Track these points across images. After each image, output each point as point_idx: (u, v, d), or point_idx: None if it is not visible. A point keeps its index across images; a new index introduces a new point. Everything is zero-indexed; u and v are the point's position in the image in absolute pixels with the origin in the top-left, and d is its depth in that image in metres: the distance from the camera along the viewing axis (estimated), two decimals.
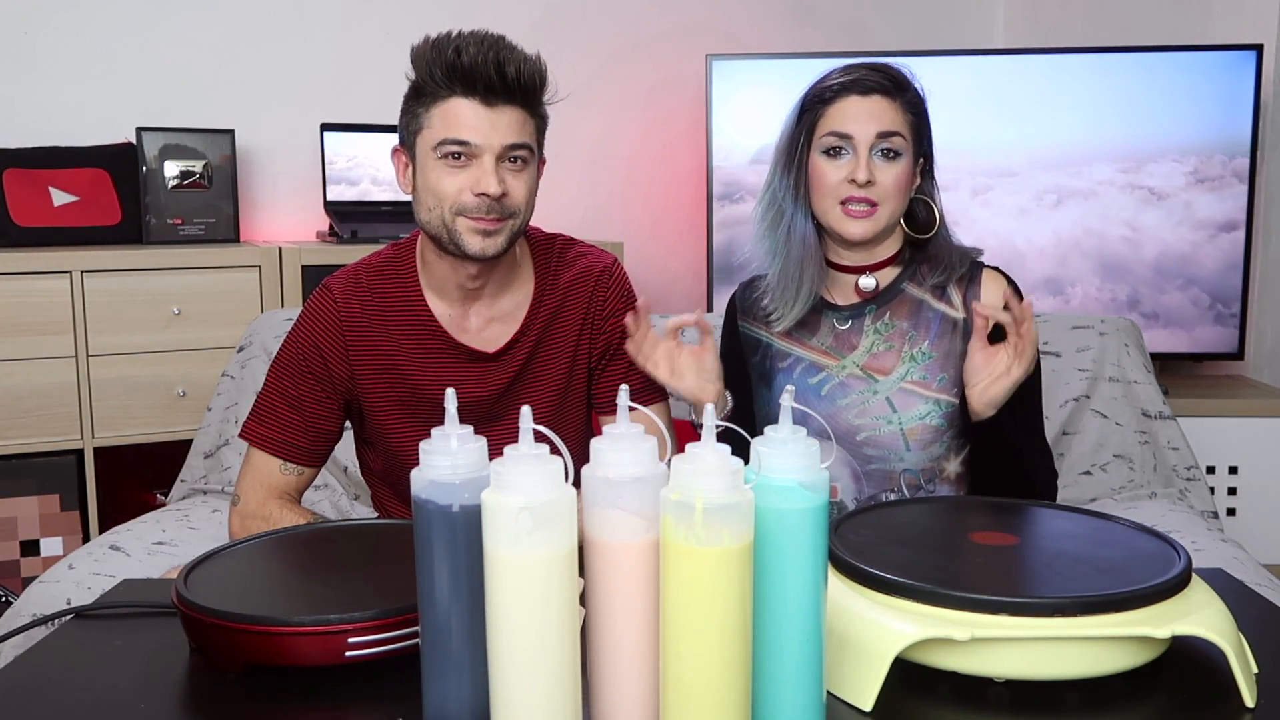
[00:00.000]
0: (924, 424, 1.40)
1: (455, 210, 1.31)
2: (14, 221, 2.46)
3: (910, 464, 1.41)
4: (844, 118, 1.38)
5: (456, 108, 1.30)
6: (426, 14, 2.92)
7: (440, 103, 1.31)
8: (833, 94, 1.39)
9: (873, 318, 1.44)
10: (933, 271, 1.43)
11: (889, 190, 1.37)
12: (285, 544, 1.10)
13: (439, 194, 1.32)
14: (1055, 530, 1.04)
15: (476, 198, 1.30)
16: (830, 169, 1.39)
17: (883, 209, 1.38)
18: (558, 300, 1.46)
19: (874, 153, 1.37)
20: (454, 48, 1.28)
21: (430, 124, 1.32)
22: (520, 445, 0.73)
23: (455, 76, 1.29)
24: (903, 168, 1.38)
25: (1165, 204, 2.70)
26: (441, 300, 1.42)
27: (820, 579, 0.76)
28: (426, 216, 1.34)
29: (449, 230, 1.33)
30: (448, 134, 1.30)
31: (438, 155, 1.31)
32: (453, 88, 1.30)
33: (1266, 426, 2.53)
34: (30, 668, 0.93)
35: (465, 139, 1.30)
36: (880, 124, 1.37)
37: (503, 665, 0.73)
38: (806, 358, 1.46)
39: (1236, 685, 0.83)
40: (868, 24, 3.34)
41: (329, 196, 2.71)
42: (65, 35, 2.63)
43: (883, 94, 1.38)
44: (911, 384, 1.41)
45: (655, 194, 3.21)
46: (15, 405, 2.29)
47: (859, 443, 1.42)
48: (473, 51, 1.28)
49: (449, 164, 1.31)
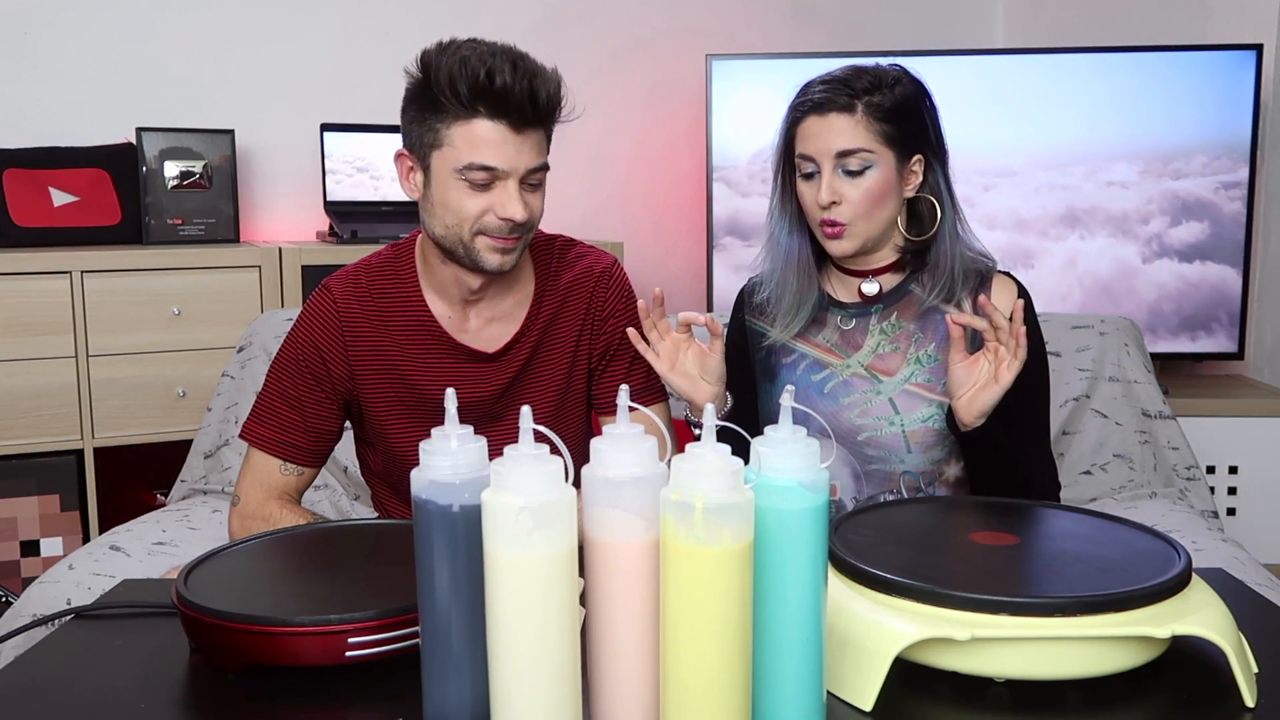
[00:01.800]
0: (926, 427, 1.39)
1: (476, 230, 1.30)
2: (14, 221, 2.46)
3: (911, 466, 1.41)
4: (806, 139, 1.38)
5: (482, 130, 1.26)
6: (426, 14, 2.92)
7: (462, 122, 1.26)
8: (799, 115, 1.39)
9: (879, 318, 1.44)
10: (934, 282, 1.42)
11: (856, 206, 1.36)
12: (285, 544, 1.10)
13: (460, 214, 1.29)
14: (1055, 530, 1.04)
15: (500, 221, 1.29)
16: (806, 191, 1.40)
17: (851, 227, 1.37)
18: (558, 301, 1.46)
19: (838, 171, 1.36)
20: (486, 70, 1.23)
21: (451, 143, 1.27)
22: (520, 445, 0.73)
23: (484, 98, 1.24)
24: (872, 181, 1.36)
25: (1165, 203, 2.70)
26: (442, 301, 1.42)
27: (820, 579, 0.76)
28: (442, 231, 1.32)
29: (466, 247, 1.32)
30: (474, 158, 1.26)
31: (460, 177, 1.28)
32: (476, 108, 1.25)
33: (1266, 426, 2.53)
34: (30, 668, 0.93)
35: (492, 165, 1.27)
36: (838, 142, 1.35)
37: (503, 665, 0.73)
38: (811, 354, 1.46)
39: (1236, 685, 0.83)
40: (868, 24, 3.34)
41: (329, 196, 2.71)
42: (65, 35, 2.63)
43: (839, 111, 1.35)
44: (916, 386, 1.41)
45: (655, 194, 3.21)
46: (15, 405, 2.29)
47: (860, 443, 1.41)
48: (507, 75, 1.23)
49: (471, 186, 1.28)
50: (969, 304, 1.41)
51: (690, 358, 1.37)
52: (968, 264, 1.42)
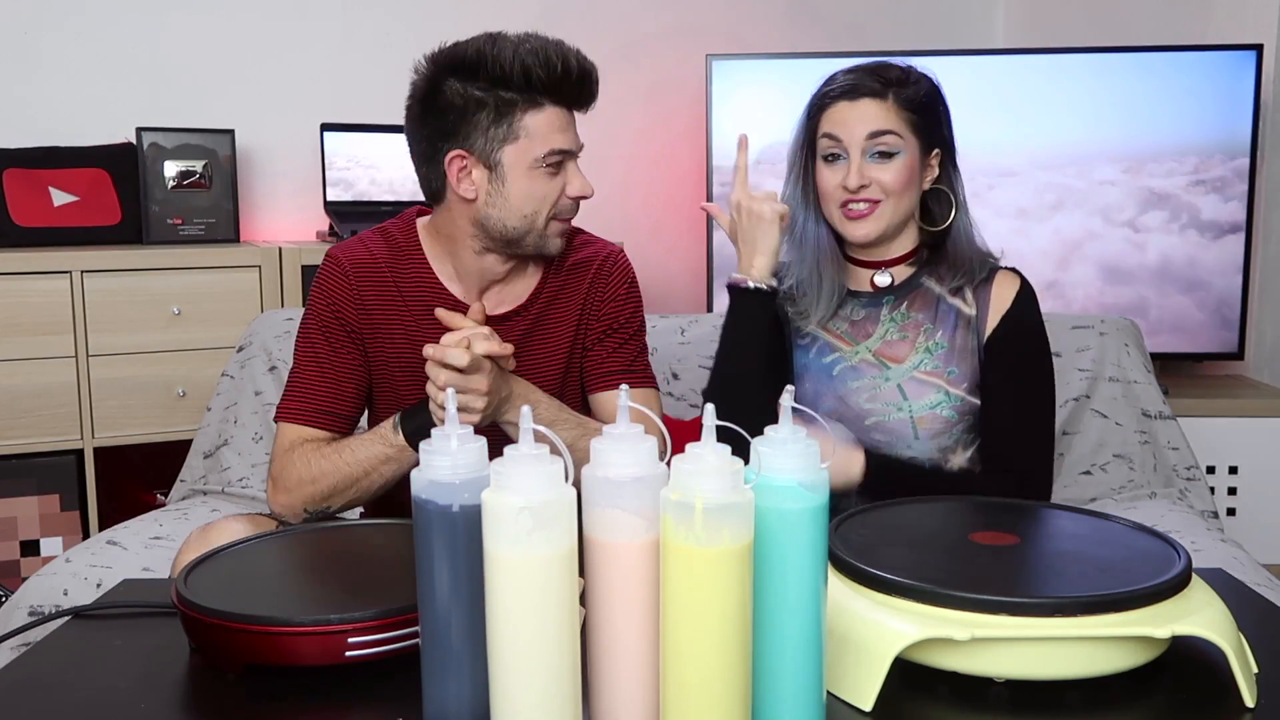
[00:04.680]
0: (934, 414, 1.41)
1: (553, 214, 1.38)
2: (14, 221, 2.46)
3: (918, 452, 1.41)
4: (834, 123, 1.41)
5: (555, 117, 1.35)
6: (427, 14, 2.92)
7: (535, 110, 1.34)
8: (827, 101, 1.42)
9: (889, 308, 1.46)
10: (951, 274, 1.44)
11: (888, 188, 1.39)
12: (285, 544, 1.10)
13: (543, 201, 1.37)
14: (1055, 530, 1.04)
15: (571, 200, 1.38)
16: (828, 174, 1.42)
17: (885, 205, 1.40)
18: (559, 283, 1.49)
19: (868, 155, 1.39)
20: (559, 59, 1.32)
21: (528, 134, 1.34)
22: (520, 445, 0.73)
23: (556, 86, 1.33)
24: (902, 164, 1.39)
25: (1165, 204, 2.70)
26: (459, 285, 1.46)
27: (820, 579, 0.76)
28: (517, 223, 1.37)
29: (539, 234, 1.39)
30: (553, 145, 1.35)
31: (542, 165, 1.35)
32: (548, 96, 1.33)
33: (1266, 426, 2.53)
34: (30, 668, 0.93)
35: (568, 148, 1.36)
36: (869, 125, 1.38)
37: (503, 665, 0.73)
38: (823, 338, 1.47)
39: (1236, 685, 0.83)
40: (868, 24, 3.34)
41: (329, 196, 2.71)
42: (66, 35, 2.63)
43: (871, 96, 1.39)
44: (924, 374, 1.42)
45: (655, 194, 3.21)
46: (15, 405, 2.29)
47: (867, 427, 1.42)
48: (572, 62, 1.33)
49: (550, 172, 1.36)
50: (972, 295, 1.44)
51: (751, 223, 1.41)
52: (979, 256, 1.45)
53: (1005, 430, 1.41)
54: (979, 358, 1.42)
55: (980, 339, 1.43)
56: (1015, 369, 1.42)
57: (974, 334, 1.43)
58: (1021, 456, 1.41)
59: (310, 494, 1.37)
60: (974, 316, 1.43)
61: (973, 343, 1.42)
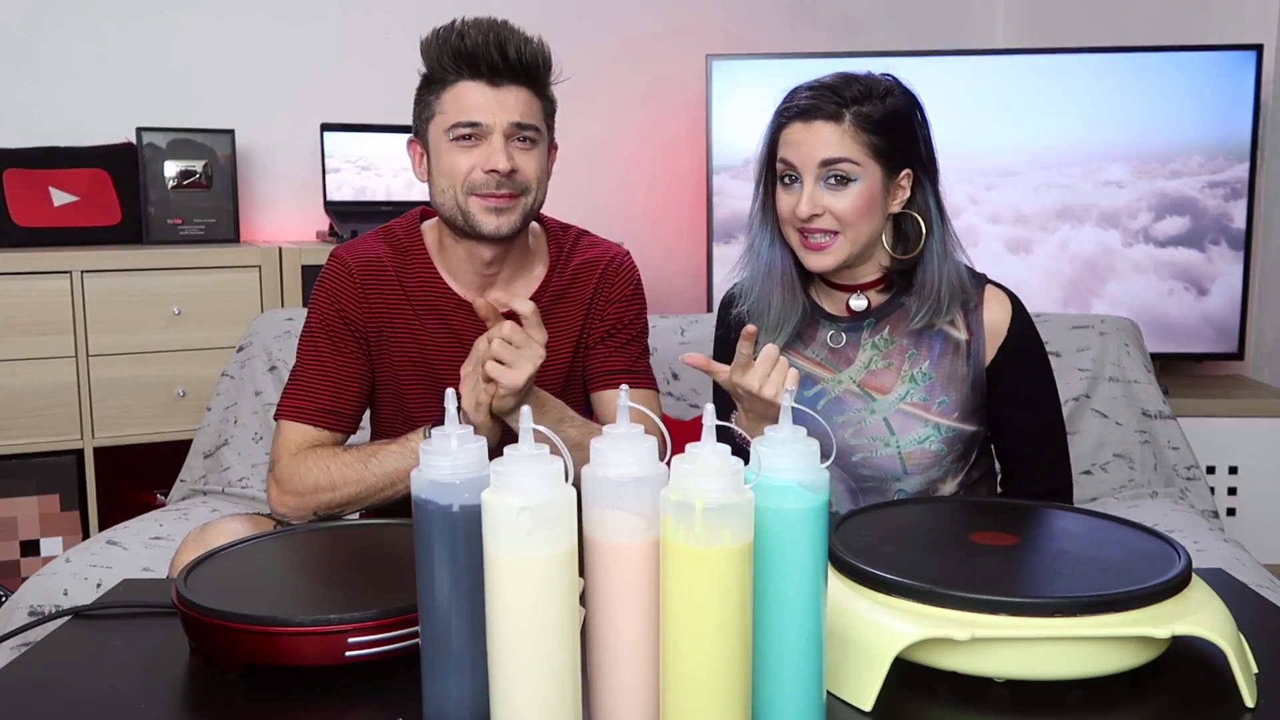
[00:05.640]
0: (923, 448, 1.36)
1: (467, 190, 1.37)
2: (14, 221, 2.46)
3: (906, 486, 1.38)
4: (789, 146, 1.33)
5: (464, 91, 1.36)
6: (426, 14, 2.90)
7: (449, 88, 1.37)
8: (784, 120, 1.34)
9: (870, 332, 1.39)
10: (920, 304, 1.35)
11: (843, 217, 1.31)
12: (285, 544, 1.10)
13: (452, 174, 1.37)
14: (1055, 530, 1.04)
15: (487, 175, 1.36)
16: (785, 198, 1.35)
17: (842, 238, 1.32)
18: (565, 282, 1.49)
19: (821, 182, 1.31)
20: (458, 33, 1.35)
21: (441, 109, 1.37)
22: (520, 445, 0.73)
23: (461, 60, 1.35)
24: (858, 192, 1.31)
25: (1165, 203, 2.70)
26: (458, 283, 1.46)
27: (820, 579, 0.76)
28: (441, 199, 1.40)
29: (463, 211, 1.38)
30: (459, 117, 1.36)
31: (450, 138, 1.36)
32: (459, 72, 1.36)
33: (1266, 426, 2.53)
34: (30, 668, 0.93)
35: (475, 119, 1.35)
36: (823, 151, 1.30)
37: (503, 665, 0.73)
38: (801, 367, 1.41)
39: (1236, 685, 0.83)
40: (868, 24, 3.34)
41: (329, 196, 2.71)
42: (66, 36, 2.63)
43: (826, 119, 1.30)
44: (911, 406, 1.37)
45: (655, 194, 3.21)
46: (15, 405, 2.29)
47: (854, 463, 1.38)
48: (474, 35, 1.34)
49: (460, 145, 1.36)
50: (961, 320, 1.37)
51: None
52: (956, 282, 1.36)
53: (1024, 453, 1.40)
54: (975, 385, 1.37)
55: (979, 367, 1.37)
56: (1025, 393, 1.38)
57: (967, 361, 1.36)
58: (1044, 477, 1.39)
59: (328, 500, 1.37)
60: (965, 342, 1.37)
61: (964, 369, 1.36)
